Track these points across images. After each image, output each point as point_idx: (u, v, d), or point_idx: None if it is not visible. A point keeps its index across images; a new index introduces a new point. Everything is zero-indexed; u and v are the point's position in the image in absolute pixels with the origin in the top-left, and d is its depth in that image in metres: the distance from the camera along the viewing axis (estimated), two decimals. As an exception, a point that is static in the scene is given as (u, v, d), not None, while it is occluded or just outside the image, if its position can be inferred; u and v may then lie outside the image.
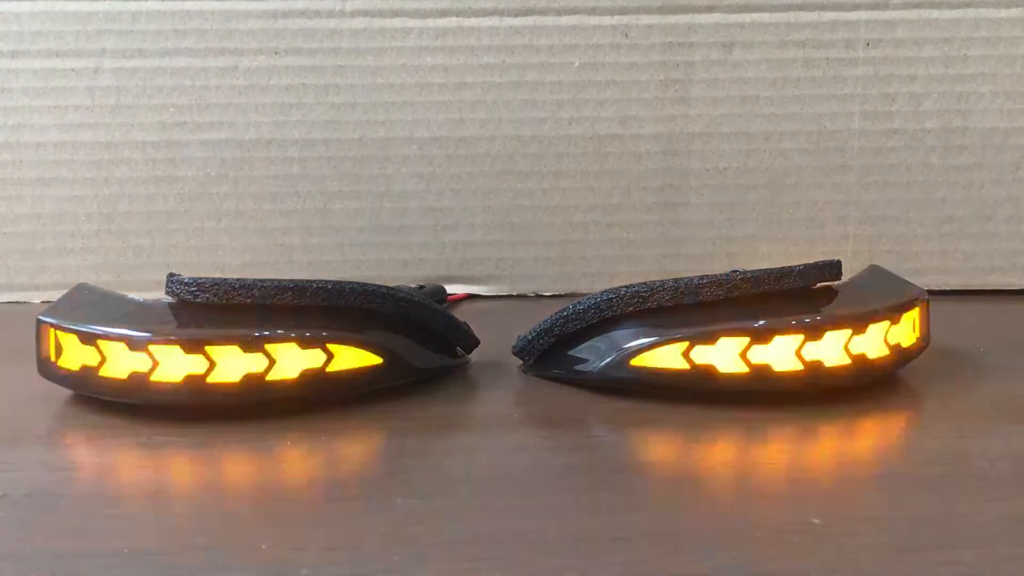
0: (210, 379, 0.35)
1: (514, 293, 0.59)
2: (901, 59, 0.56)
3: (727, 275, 0.38)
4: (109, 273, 0.57)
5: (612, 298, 0.39)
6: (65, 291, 0.41)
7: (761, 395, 0.38)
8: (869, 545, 0.27)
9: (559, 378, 0.41)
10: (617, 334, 0.39)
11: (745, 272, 0.38)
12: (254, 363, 0.36)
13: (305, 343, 0.36)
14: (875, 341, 0.38)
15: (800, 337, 0.37)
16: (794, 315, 0.37)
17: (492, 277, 0.58)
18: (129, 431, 0.36)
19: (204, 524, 0.29)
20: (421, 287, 0.55)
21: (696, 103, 0.56)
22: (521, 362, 0.43)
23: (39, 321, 0.38)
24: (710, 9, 0.55)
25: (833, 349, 0.37)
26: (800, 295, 0.39)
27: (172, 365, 0.35)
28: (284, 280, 0.37)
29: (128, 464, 0.33)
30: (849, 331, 0.37)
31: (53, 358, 0.37)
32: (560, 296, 0.58)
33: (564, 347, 0.41)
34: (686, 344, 0.37)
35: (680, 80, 0.56)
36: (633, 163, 0.57)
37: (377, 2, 0.55)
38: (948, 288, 0.58)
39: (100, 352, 0.36)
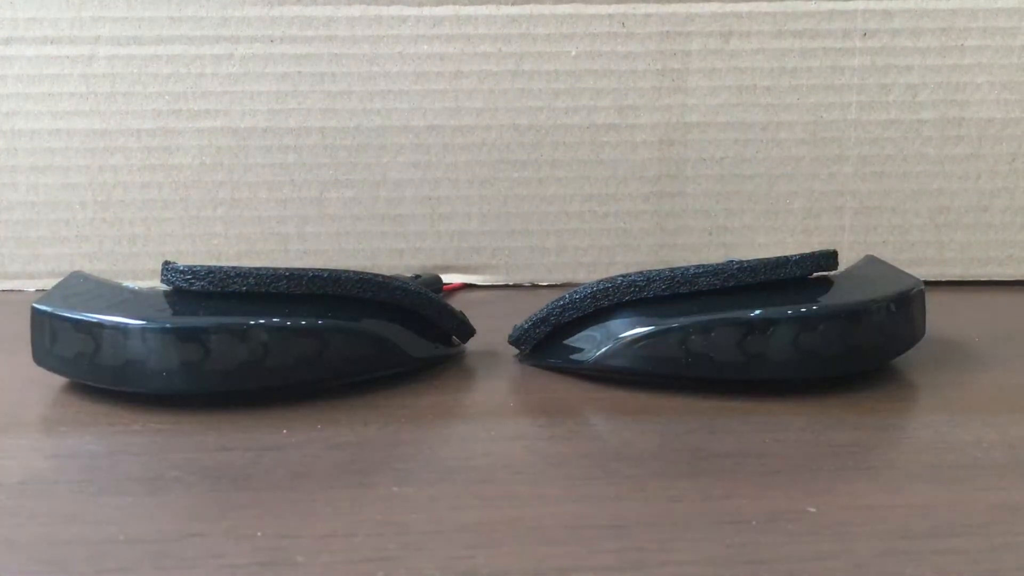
0: (205, 367, 0.35)
1: (510, 282, 0.59)
2: (898, 49, 0.56)
3: (723, 265, 0.38)
4: (104, 261, 0.57)
5: (608, 287, 0.39)
6: (60, 279, 0.41)
7: (757, 384, 0.38)
8: (864, 533, 0.27)
9: (555, 367, 0.41)
10: (613, 323, 0.39)
11: (741, 262, 0.38)
12: (249, 351, 0.36)
13: (301, 331, 0.36)
14: (871, 331, 0.38)
15: (796, 327, 0.37)
16: (790, 305, 0.37)
17: (488, 266, 0.58)
18: (124, 419, 0.36)
19: (199, 511, 0.29)
20: (417, 276, 0.55)
21: (693, 93, 0.56)
22: (517, 351, 0.43)
23: (34, 309, 0.38)
24: (707, -2, 0.55)
25: (829, 339, 0.37)
26: (796, 285, 0.39)
27: (167, 353, 0.35)
28: (280, 268, 0.37)
29: (123, 451, 0.33)
30: (845, 321, 0.37)
31: (48, 346, 0.37)
32: (556, 285, 0.58)
33: (560, 336, 0.41)
34: (682, 333, 0.37)
35: (677, 70, 0.56)
36: (630, 153, 0.57)
37: (373, -10, 0.55)
38: (944, 279, 0.58)
39: (95, 340, 0.36)
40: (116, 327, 0.36)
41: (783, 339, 0.37)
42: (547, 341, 0.41)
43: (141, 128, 0.56)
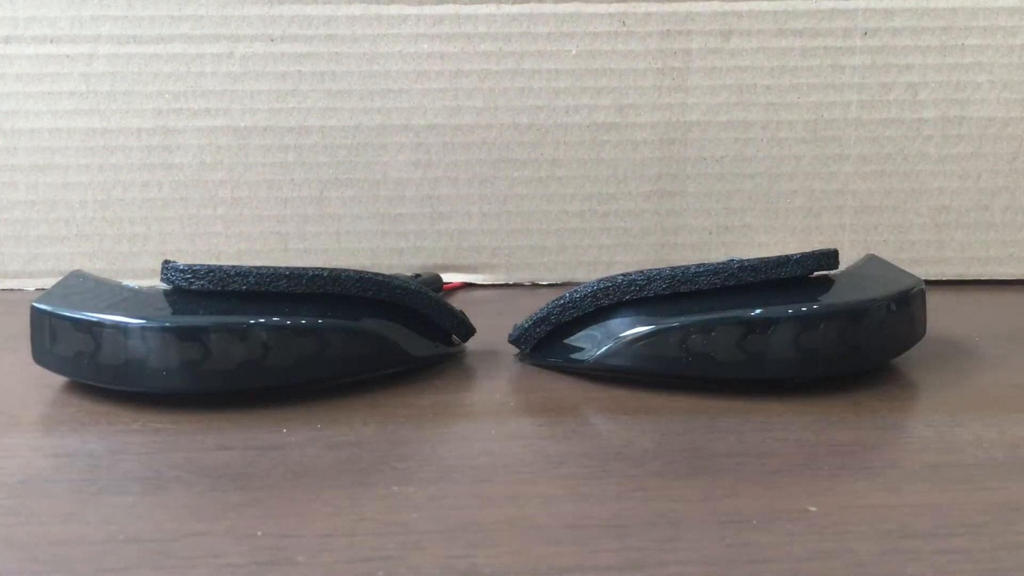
0: (205, 366, 0.35)
1: (510, 282, 0.59)
2: (899, 48, 0.56)
3: (724, 264, 0.38)
4: (104, 260, 0.57)
5: (609, 286, 0.39)
6: (60, 278, 0.41)
7: (757, 384, 0.38)
8: (864, 533, 0.27)
9: (555, 366, 0.41)
10: (614, 323, 0.39)
11: (742, 261, 0.38)
12: (249, 350, 0.36)
13: (301, 330, 0.36)
14: (871, 330, 0.38)
15: (797, 326, 0.37)
16: (791, 304, 0.37)
17: (488, 265, 0.58)
18: (124, 418, 0.36)
19: (199, 511, 0.29)
20: (417, 275, 0.55)
21: (693, 92, 0.56)
22: (517, 350, 0.43)
23: (34, 308, 0.38)
24: (708, -3, 0.55)
25: (829, 338, 0.37)
26: (797, 284, 0.39)
27: (167, 352, 0.35)
28: (279, 267, 0.37)
29: (123, 451, 0.33)
30: (845, 320, 0.37)
31: (48, 345, 0.37)
32: (557, 285, 0.58)
33: (560, 335, 0.41)
34: (683, 333, 0.37)
35: (677, 68, 0.56)
36: (630, 152, 0.57)
37: (373, -11, 0.55)
38: (944, 278, 0.58)
39: (95, 339, 0.36)
40: (116, 326, 0.35)
41: (784, 338, 0.37)
42: (547, 340, 0.41)
43: (141, 127, 0.55)
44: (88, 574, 0.25)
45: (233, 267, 0.37)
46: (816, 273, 0.39)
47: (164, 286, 0.38)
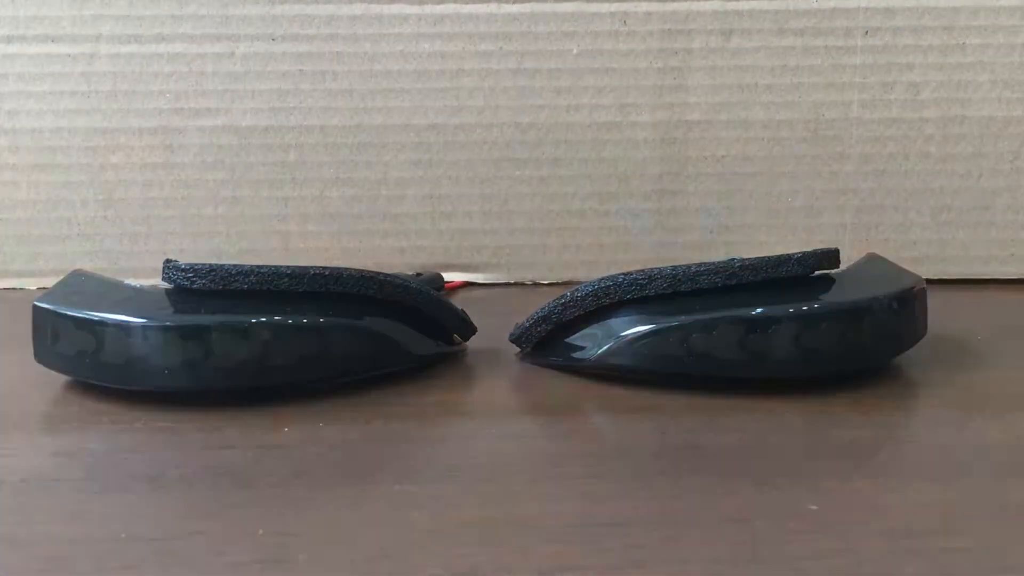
0: (207, 365, 0.35)
1: (511, 281, 0.59)
2: (900, 48, 0.56)
3: (725, 263, 0.38)
4: (105, 260, 0.57)
5: (610, 285, 0.39)
6: (61, 277, 0.41)
7: (759, 383, 0.38)
8: (866, 531, 0.27)
9: (556, 365, 0.41)
10: (615, 321, 0.39)
11: (743, 260, 0.38)
12: (251, 349, 0.36)
13: (302, 329, 0.36)
14: (873, 329, 0.38)
15: (798, 325, 0.37)
16: (792, 303, 0.37)
17: (489, 264, 0.58)
18: (125, 416, 0.36)
19: (201, 509, 0.29)
20: (418, 274, 0.55)
21: (694, 91, 0.56)
22: (518, 349, 0.43)
23: (35, 307, 0.38)
24: (709, -4, 0.55)
25: (830, 337, 0.37)
26: (798, 283, 0.39)
27: (169, 351, 0.35)
28: (281, 266, 0.37)
29: (124, 449, 0.33)
30: (847, 319, 0.37)
31: (49, 344, 0.37)
32: (557, 284, 0.58)
33: (561, 334, 0.41)
34: (684, 332, 0.37)
35: (678, 68, 0.56)
36: (631, 151, 0.57)
37: (375, -12, 0.55)
38: (946, 277, 0.58)
39: (96, 338, 0.36)
40: (118, 325, 0.36)
41: (785, 337, 0.37)
42: (548, 339, 0.41)
43: (142, 127, 0.56)
44: (90, 573, 0.25)
45: (234, 266, 0.37)
46: (817, 272, 0.39)
47: (166, 285, 0.38)
